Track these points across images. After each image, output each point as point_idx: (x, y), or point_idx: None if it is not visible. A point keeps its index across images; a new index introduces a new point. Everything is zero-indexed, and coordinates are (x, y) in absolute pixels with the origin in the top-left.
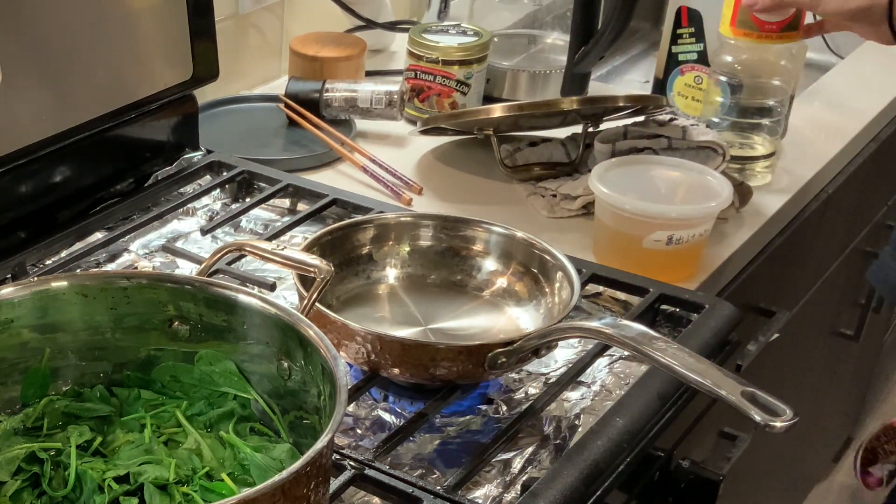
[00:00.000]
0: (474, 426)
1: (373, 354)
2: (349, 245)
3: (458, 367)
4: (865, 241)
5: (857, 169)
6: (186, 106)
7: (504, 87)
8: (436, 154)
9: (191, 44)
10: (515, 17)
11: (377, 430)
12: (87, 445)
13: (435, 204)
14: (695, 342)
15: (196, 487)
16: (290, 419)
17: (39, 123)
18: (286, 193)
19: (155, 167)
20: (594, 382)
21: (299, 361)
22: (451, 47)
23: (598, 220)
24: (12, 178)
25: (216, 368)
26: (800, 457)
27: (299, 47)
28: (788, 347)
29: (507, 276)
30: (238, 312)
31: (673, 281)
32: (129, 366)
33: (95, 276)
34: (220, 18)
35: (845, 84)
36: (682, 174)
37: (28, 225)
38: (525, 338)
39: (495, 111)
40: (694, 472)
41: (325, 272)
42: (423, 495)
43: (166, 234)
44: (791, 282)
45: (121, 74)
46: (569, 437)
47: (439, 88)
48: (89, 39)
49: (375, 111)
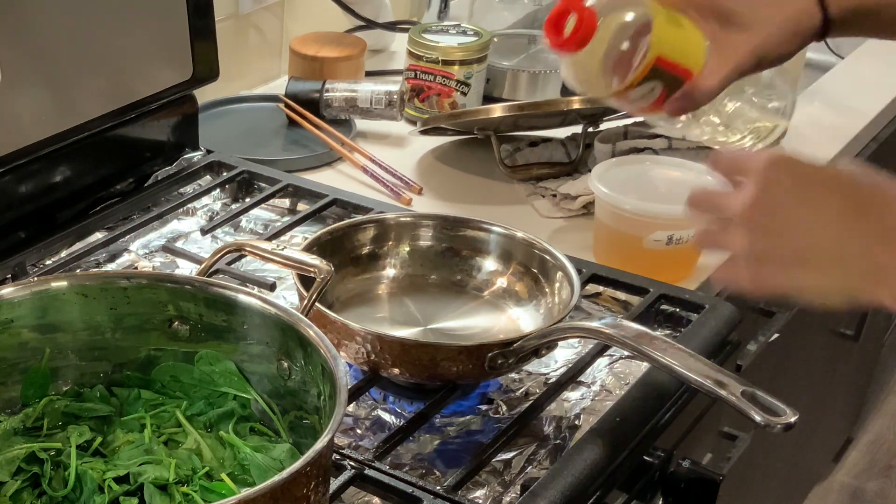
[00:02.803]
0: (474, 426)
1: (373, 354)
2: (349, 245)
3: (458, 367)
4: None
5: None
6: (186, 106)
7: (504, 87)
8: (436, 154)
9: (191, 44)
10: (515, 17)
11: (377, 430)
12: (87, 445)
13: (435, 204)
14: (695, 342)
15: (196, 487)
16: (290, 419)
17: (39, 123)
18: (286, 193)
19: (155, 167)
20: (594, 382)
21: (299, 361)
22: (451, 47)
23: (598, 220)
24: (12, 178)
25: (216, 368)
26: (800, 457)
27: (299, 47)
28: (788, 347)
29: (507, 276)
30: (238, 312)
31: (673, 281)
32: (129, 366)
33: (95, 276)
34: (220, 18)
35: (845, 84)
36: (682, 174)
37: (28, 225)
38: (525, 338)
39: (495, 111)
40: (694, 472)
41: (325, 272)
42: (423, 495)
43: (166, 234)
44: None
45: (121, 74)
46: (569, 437)
47: (439, 88)
48: (89, 39)
49: (375, 111)
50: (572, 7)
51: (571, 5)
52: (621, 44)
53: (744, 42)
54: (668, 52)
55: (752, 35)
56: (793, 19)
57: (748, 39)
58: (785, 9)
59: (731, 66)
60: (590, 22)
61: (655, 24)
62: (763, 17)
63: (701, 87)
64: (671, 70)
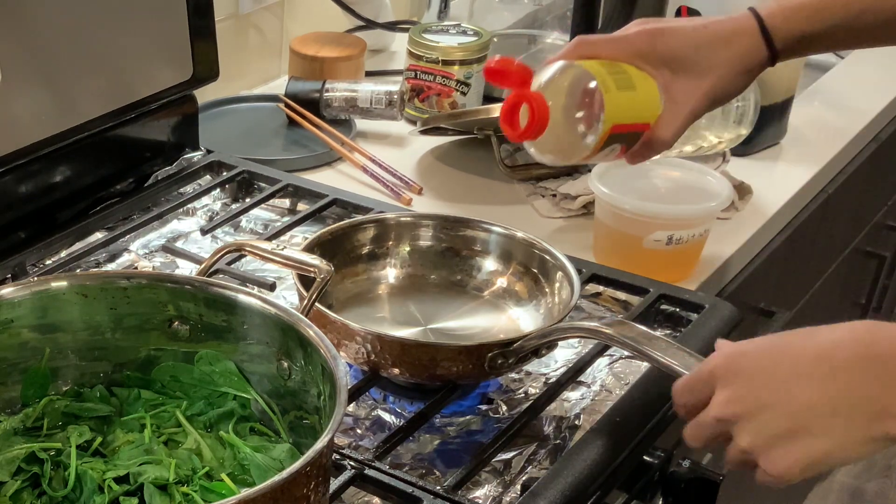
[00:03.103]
0: (474, 426)
1: (373, 355)
2: (349, 245)
3: (458, 368)
4: (865, 241)
5: (857, 169)
6: (186, 106)
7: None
8: (436, 154)
9: (191, 44)
10: (515, 17)
11: (377, 430)
12: (87, 445)
13: (435, 204)
14: (695, 342)
15: (196, 487)
16: (290, 419)
17: (39, 123)
18: (286, 193)
19: (155, 167)
20: (594, 382)
21: (299, 361)
22: (451, 47)
23: (598, 220)
24: (12, 178)
25: (216, 368)
26: None
27: (299, 47)
28: None
29: (507, 277)
30: (238, 312)
31: (673, 281)
32: (129, 366)
33: (95, 276)
34: (220, 18)
35: (845, 84)
36: (682, 174)
37: (28, 225)
38: (525, 338)
39: (495, 111)
40: (694, 472)
41: (325, 272)
42: (423, 495)
43: (166, 234)
44: (791, 282)
45: (121, 74)
46: (569, 437)
47: (439, 88)
48: (89, 39)
49: (375, 111)
50: (522, 99)
51: (521, 98)
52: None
53: (696, 88)
54: (621, 119)
55: (704, 80)
56: (741, 58)
57: (700, 85)
58: (732, 49)
59: (686, 114)
60: (542, 110)
61: (606, 98)
62: (712, 61)
63: (659, 138)
64: (628, 131)
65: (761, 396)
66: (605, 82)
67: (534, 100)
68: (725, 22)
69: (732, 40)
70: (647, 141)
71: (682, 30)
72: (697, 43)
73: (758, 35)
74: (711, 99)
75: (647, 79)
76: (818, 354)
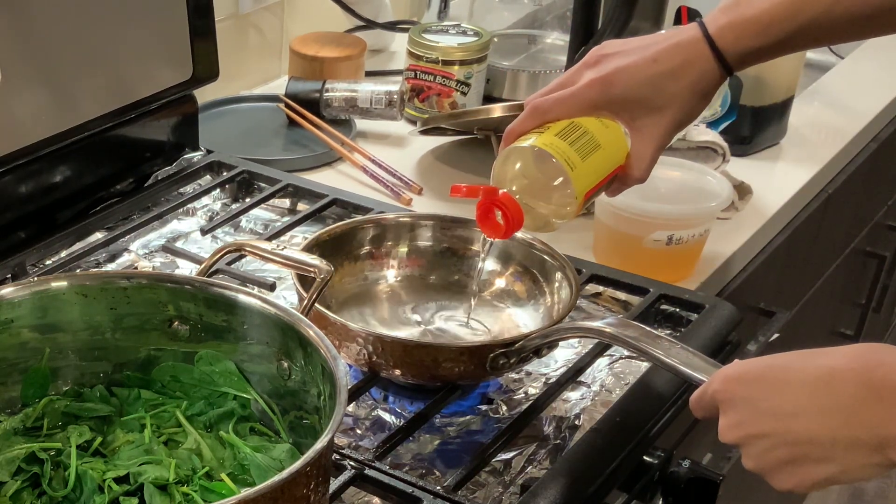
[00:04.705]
0: (474, 426)
1: (374, 356)
2: (349, 245)
3: (459, 368)
4: (865, 241)
5: (857, 169)
6: (186, 106)
7: (504, 87)
8: (436, 154)
9: (191, 44)
10: (515, 17)
11: (377, 430)
12: (87, 445)
13: (435, 204)
14: (695, 342)
15: (196, 487)
16: (290, 419)
17: (39, 123)
18: (286, 193)
19: (155, 167)
20: (594, 382)
21: (299, 361)
22: (451, 47)
23: (598, 220)
24: (12, 178)
25: (216, 368)
26: None
27: (299, 47)
28: (788, 347)
29: (507, 277)
30: (238, 312)
31: (673, 281)
32: (129, 366)
33: (95, 276)
34: (220, 18)
35: (845, 84)
36: (682, 174)
37: (28, 225)
38: (527, 338)
39: (495, 111)
40: (694, 472)
41: (325, 272)
42: (423, 495)
43: (166, 234)
44: (791, 282)
45: (121, 74)
46: (569, 437)
47: (439, 88)
48: (89, 39)
49: (375, 111)
50: (493, 205)
51: (493, 204)
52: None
53: (659, 122)
54: (593, 183)
55: (664, 114)
56: (697, 84)
57: (662, 119)
58: (687, 79)
59: (653, 148)
60: (515, 211)
61: (572, 176)
62: (670, 93)
63: (632, 176)
64: (603, 184)
65: (761, 425)
66: (568, 160)
67: (504, 203)
68: (673, 51)
69: (685, 70)
70: (622, 177)
71: (632, 68)
72: (651, 80)
73: (710, 58)
74: (675, 127)
75: (610, 124)
76: (817, 384)
